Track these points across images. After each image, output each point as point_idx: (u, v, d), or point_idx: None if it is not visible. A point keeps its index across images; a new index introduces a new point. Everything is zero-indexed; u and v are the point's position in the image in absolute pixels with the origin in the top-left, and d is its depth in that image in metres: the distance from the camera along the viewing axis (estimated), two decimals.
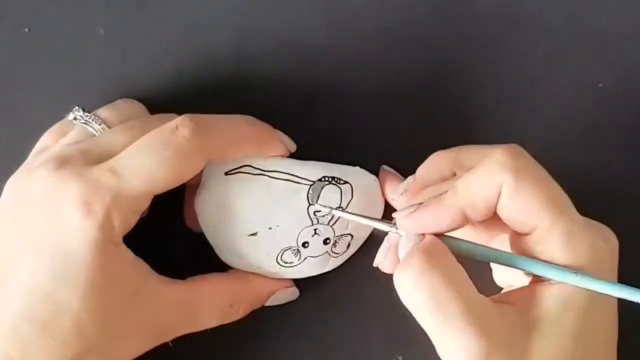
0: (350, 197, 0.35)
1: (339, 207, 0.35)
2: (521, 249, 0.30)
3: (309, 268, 0.36)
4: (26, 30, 0.40)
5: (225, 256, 0.35)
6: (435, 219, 0.30)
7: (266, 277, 0.36)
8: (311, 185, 0.35)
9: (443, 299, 0.28)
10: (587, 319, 0.29)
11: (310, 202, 0.35)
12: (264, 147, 0.35)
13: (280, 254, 0.35)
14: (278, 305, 0.37)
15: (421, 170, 0.35)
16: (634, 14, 0.40)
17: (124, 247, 0.32)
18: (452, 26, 0.40)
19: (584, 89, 0.39)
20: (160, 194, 0.32)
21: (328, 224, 0.35)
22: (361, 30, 0.40)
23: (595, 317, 0.29)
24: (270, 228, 0.35)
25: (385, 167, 0.37)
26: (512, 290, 0.31)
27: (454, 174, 0.33)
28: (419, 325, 0.36)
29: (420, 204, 0.31)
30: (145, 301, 0.32)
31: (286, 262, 0.35)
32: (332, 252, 0.36)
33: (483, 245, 0.31)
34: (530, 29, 0.40)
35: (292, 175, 0.35)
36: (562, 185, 0.30)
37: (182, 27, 0.40)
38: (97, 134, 0.34)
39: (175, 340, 0.34)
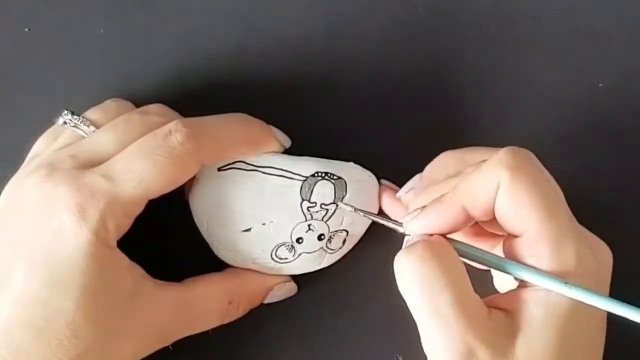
0: (344, 192, 0.35)
1: (334, 203, 0.35)
2: (512, 252, 0.30)
3: (304, 264, 0.36)
4: (26, 30, 0.40)
5: (220, 253, 0.36)
6: (437, 217, 0.31)
7: (263, 273, 0.36)
8: (304, 180, 0.35)
9: (437, 289, 0.28)
10: (571, 327, 0.29)
11: (304, 197, 0.35)
12: (258, 145, 0.35)
13: (275, 250, 0.35)
14: (277, 306, 0.37)
15: (428, 169, 0.35)
16: (634, 14, 0.40)
17: (118, 252, 0.32)
18: (452, 26, 0.40)
19: (584, 89, 0.39)
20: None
21: (322, 219, 0.35)
22: (360, 30, 0.40)
23: (580, 325, 0.29)
24: (264, 224, 0.35)
25: (384, 181, 0.37)
26: (501, 295, 0.31)
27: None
28: None
29: (424, 207, 0.31)
30: (140, 305, 0.32)
31: (281, 258, 0.36)
32: (328, 248, 0.36)
33: (475, 247, 0.31)
34: (530, 28, 0.40)
35: (285, 171, 0.35)
36: (560, 185, 0.30)
37: (182, 27, 0.40)
38: (86, 137, 0.34)
39: (176, 341, 0.34)
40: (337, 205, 0.35)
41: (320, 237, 0.36)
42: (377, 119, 0.39)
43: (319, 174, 0.35)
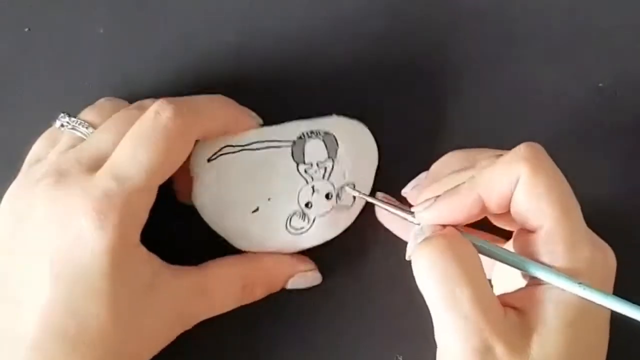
0: (336, 145, 0.35)
1: (330, 158, 0.35)
2: (524, 248, 0.30)
3: (322, 230, 0.36)
4: (26, 30, 0.40)
5: (238, 242, 0.35)
6: (453, 207, 0.30)
7: (281, 258, 0.36)
8: (293, 145, 0.35)
9: (457, 284, 0.28)
10: (583, 327, 0.29)
11: (297, 160, 0.35)
12: (239, 120, 0.35)
13: (288, 222, 0.35)
14: (277, 306, 0.37)
15: (435, 166, 0.35)
16: (634, 14, 0.40)
17: (139, 248, 0.32)
18: (451, 25, 0.40)
19: (584, 89, 0.39)
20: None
21: (324, 178, 0.35)
22: (360, 30, 0.40)
23: (590, 325, 0.30)
24: (269, 199, 0.35)
25: (379, 193, 0.37)
26: (511, 293, 0.31)
27: None
28: (419, 325, 0.36)
29: (438, 196, 0.31)
30: (160, 294, 0.32)
31: (297, 229, 0.35)
32: (340, 206, 0.36)
33: (495, 245, 0.31)
34: (530, 28, 0.40)
35: (271, 141, 0.35)
36: None
37: (182, 27, 0.40)
38: (86, 138, 0.34)
39: (175, 341, 0.34)
40: (333, 161, 0.35)
41: (327, 196, 0.35)
42: (376, 118, 0.39)
43: (306, 134, 0.35)
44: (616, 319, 0.30)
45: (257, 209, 0.35)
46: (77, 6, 0.40)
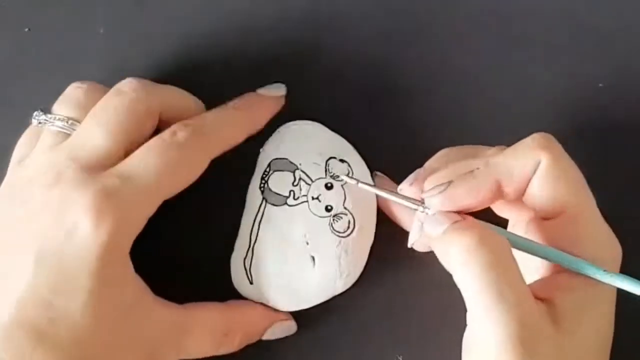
0: (286, 161, 0.36)
1: (293, 172, 0.36)
2: (540, 234, 0.30)
3: (362, 206, 0.36)
4: (26, 30, 0.40)
5: (340, 288, 0.36)
6: (469, 192, 0.30)
7: (264, 309, 0.36)
8: (265, 201, 0.36)
9: (501, 272, 0.28)
10: (606, 313, 0.30)
11: (280, 203, 0.35)
12: (254, 121, 0.36)
13: (334, 233, 0.35)
14: None
15: (430, 163, 0.35)
16: (634, 14, 0.40)
17: (128, 259, 0.31)
18: (450, 25, 0.40)
19: (584, 89, 0.39)
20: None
21: (310, 184, 0.35)
22: (360, 30, 0.40)
23: (604, 311, 0.30)
24: (307, 243, 0.35)
25: (378, 173, 0.37)
26: (533, 284, 0.31)
27: None
28: (419, 325, 0.36)
29: (450, 182, 0.31)
30: (138, 318, 0.31)
31: (346, 229, 0.35)
32: (347, 178, 0.36)
33: (516, 234, 0.31)
34: (530, 28, 0.40)
35: (252, 219, 0.36)
36: None
37: (182, 26, 0.40)
38: (66, 131, 0.33)
39: None
40: (298, 169, 0.36)
41: (328, 187, 0.36)
42: (375, 118, 0.39)
43: (261, 185, 0.36)
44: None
45: (313, 259, 0.35)
46: (77, 6, 0.40)
